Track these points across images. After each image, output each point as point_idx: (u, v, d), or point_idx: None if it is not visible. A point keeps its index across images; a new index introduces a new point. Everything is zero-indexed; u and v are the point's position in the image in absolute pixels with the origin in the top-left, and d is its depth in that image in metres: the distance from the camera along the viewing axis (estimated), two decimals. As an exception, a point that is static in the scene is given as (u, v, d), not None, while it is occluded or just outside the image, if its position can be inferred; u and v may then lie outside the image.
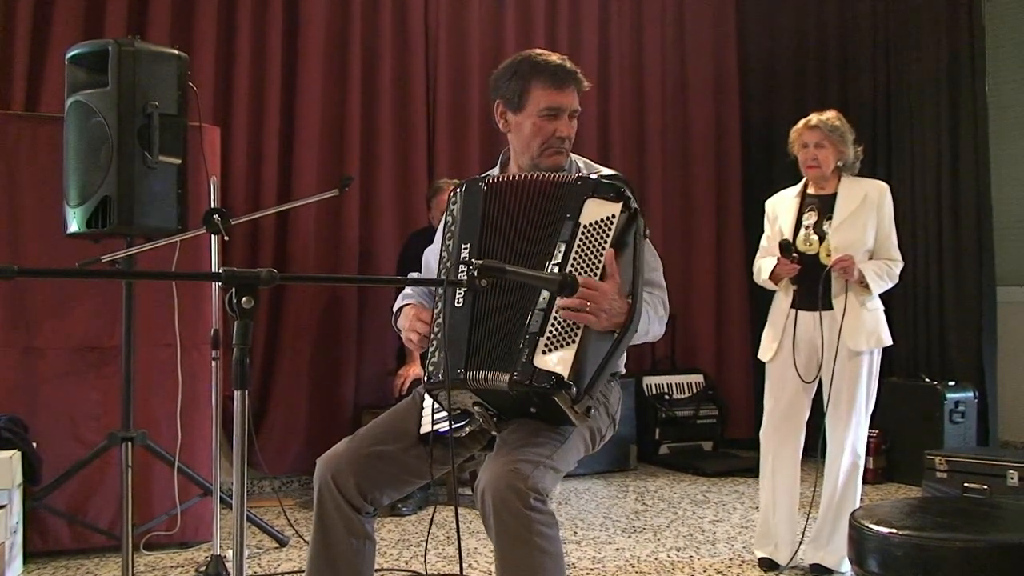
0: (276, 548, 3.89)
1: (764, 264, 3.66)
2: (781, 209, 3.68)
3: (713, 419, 5.96)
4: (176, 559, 3.75)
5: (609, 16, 6.07)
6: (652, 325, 2.30)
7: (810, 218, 3.59)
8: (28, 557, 3.58)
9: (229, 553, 3.36)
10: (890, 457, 5.29)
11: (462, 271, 2.17)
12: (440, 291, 2.23)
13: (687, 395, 5.97)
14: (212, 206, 3.46)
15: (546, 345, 2.05)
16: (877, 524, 2.22)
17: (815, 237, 3.54)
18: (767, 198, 3.77)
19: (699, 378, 6.07)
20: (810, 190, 3.65)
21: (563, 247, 2.12)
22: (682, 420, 5.86)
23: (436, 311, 2.22)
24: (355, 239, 5.21)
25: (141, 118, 3.26)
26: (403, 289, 2.57)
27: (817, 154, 3.55)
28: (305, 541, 3.76)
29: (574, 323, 2.06)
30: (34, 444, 3.58)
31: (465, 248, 2.20)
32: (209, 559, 3.41)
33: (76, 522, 3.70)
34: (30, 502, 3.51)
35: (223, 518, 3.47)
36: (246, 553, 3.77)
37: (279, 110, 5.06)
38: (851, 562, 2.57)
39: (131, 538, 3.21)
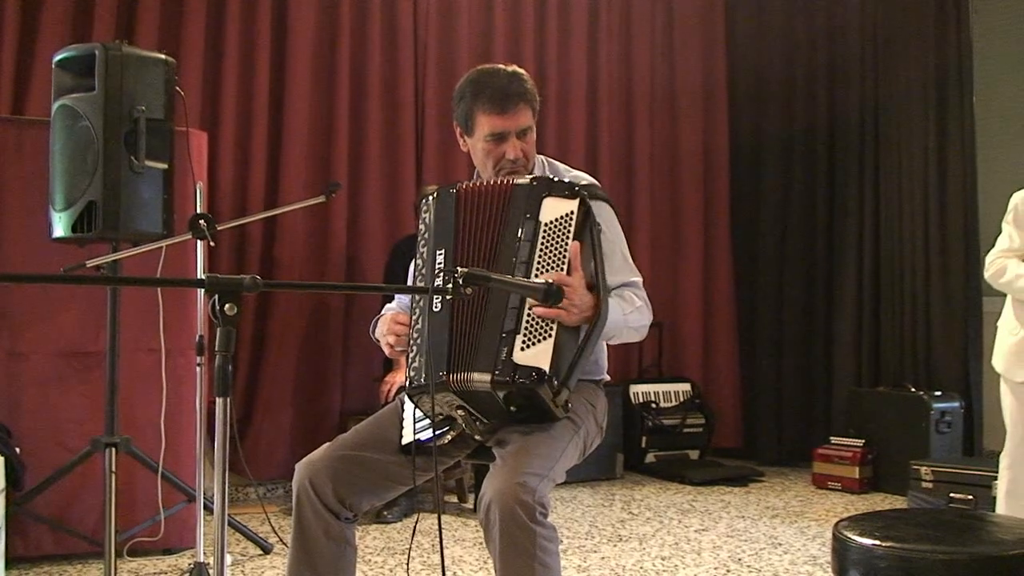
0: (260, 555, 3.87)
1: (1013, 265, 3.36)
2: None
3: (700, 428, 5.95)
4: (159, 566, 3.72)
5: (598, 28, 6.06)
6: (629, 317, 2.32)
7: None
8: (10, 563, 3.55)
9: (212, 560, 3.34)
10: (876, 467, 5.30)
11: (438, 279, 2.18)
12: (418, 299, 2.24)
13: (674, 404, 5.97)
14: (198, 211, 3.45)
15: (523, 342, 2.08)
16: (860, 535, 2.20)
17: None
18: (754, 209, 3.67)
19: (686, 387, 6.07)
20: None
21: (527, 246, 2.15)
22: (669, 429, 5.85)
23: (414, 318, 2.24)
24: (342, 245, 5.19)
25: (128, 123, 3.24)
26: (389, 298, 2.58)
27: None
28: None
29: (547, 319, 2.10)
30: (17, 449, 3.56)
31: (440, 254, 2.22)
32: (193, 566, 3.39)
33: (59, 528, 3.68)
34: (12, 507, 3.47)
35: (207, 524, 3.45)
36: (229, 560, 3.77)
37: (267, 116, 5.04)
38: (834, 574, 2.56)
39: (114, 544, 3.19)
